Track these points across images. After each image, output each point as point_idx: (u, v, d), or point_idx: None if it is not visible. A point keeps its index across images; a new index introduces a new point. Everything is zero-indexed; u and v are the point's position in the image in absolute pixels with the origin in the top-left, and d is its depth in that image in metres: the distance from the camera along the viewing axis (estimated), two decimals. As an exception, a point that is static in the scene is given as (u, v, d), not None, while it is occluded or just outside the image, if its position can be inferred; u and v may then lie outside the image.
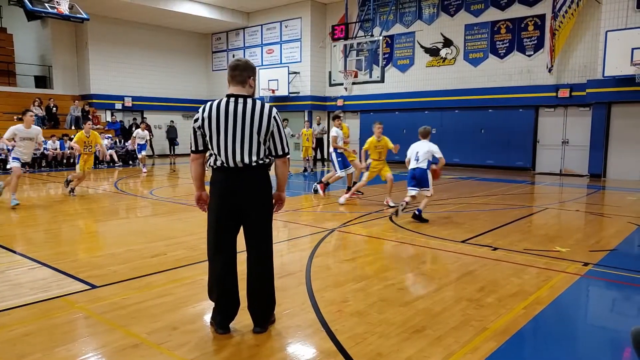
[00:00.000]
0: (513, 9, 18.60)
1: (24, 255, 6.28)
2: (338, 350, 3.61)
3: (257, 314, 3.95)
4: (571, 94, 17.32)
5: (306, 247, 6.84)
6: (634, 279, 5.48)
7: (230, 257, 3.90)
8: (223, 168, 3.78)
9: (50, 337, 3.81)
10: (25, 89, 23.00)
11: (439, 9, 20.59)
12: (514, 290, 4.97)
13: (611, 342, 4.04)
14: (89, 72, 24.08)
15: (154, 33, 26.23)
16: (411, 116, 21.50)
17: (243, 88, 3.86)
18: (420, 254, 6.56)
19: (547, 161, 18.48)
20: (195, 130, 3.83)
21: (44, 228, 8.20)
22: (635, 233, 7.91)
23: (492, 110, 19.25)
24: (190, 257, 6.22)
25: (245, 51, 26.84)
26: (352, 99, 23.53)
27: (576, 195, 12.62)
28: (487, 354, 3.56)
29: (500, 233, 7.78)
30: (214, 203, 3.87)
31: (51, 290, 4.89)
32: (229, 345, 3.71)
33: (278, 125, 3.87)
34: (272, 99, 23.91)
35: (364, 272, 5.60)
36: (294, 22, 24.44)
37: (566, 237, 7.50)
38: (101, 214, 9.56)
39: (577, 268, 5.81)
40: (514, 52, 18.73)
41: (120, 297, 4.70)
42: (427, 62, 21.14)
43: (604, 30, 15.66)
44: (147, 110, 26.25)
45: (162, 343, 3.71)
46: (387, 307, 4.46)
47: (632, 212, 9.81)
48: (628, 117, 16.10)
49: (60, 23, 22.68)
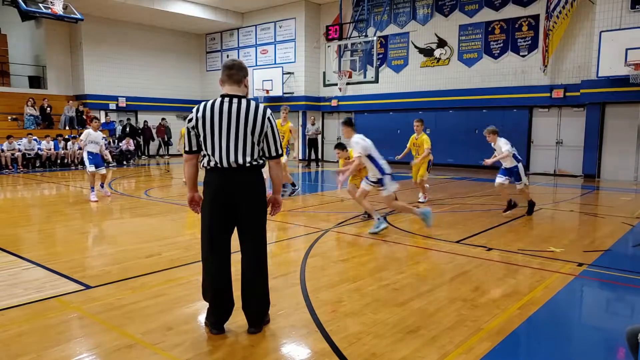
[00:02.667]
0: (507, 9, 18.65)
1: (17, 255, 6.25)
2: (333, 350, 3.61)
3: (251, 315, 3.95)
4: (565, 95, 17.37)
5: (301, 248, 6.84)
6: (628, 279, 5.51)
7: (225, 258, 3.90)
8: (217, 168, 3.77)
9: (44, 337, 3.79)
10: (19, 89, 22.89)
11: (433, 10, 20.62)
12: (509, 290, 4.99)
13: (605, 342, 4.05)
14: (83, 73, 23.98)
15: (148, 33, 26.16)
16: (405, 116, 21.49)
17: (239, 88, 3.86)
18: (414, 254, 6.57)
19: (541, 161, 18.53)
20: (189, 130, 3.82)
21: (38, 228, 8.17)
22: (629, 233, 7.95)
23: (486, 110, 19.29)
24: (184, 257, 6.20)
25: (240, 51, 26.81)
26: (346, 99, 23.54)
27: (570, 196, 12.67)
28: (481, 354, 3.57)
29: (494, 233, 7.80)
30: (207, 204, 3.86)
31: (45, 290, 4.87)
32: (223, 345, 3.71)
33: (272, 126, 3.86)
34: (266, 99, 23.87)
35: (358, 273, 5.61)
36: (288, 23, 24.43)
37: (560, 238, 7.52)
38: (95, 214, 9.52)
39: (571, 268, 5.83)
40: (508, 52, 18.78)
41: (115, 297, 4.68)
42: (422, 63, 21.17)
43: (598, 30, 15.73)
44: (141, 111, 26.18)
45: (156, 343, 3.70)
46: (382, 308, 4.46)
47: (626, 212, 9.85)
48: (622, 118, 16.17)
49: (54, 23, 22.57)
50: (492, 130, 9.41)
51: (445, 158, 20.28)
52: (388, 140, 22.40)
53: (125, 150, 22.42)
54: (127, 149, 22.52)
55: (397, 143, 22.08)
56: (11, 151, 18.31)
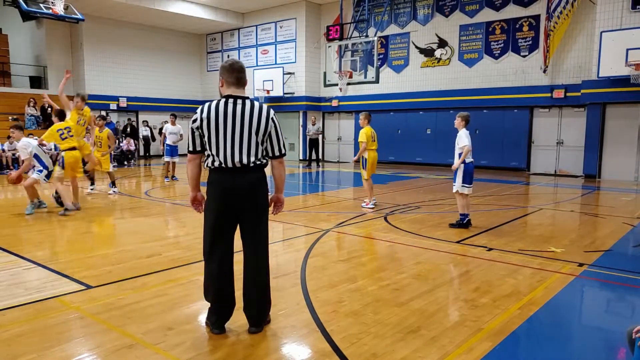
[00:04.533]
0: (508, 9, 18.65)
1: (18, 255, 6.26)
2: (333, 350, 3.61)
3: (252, 314, 3.95)
4: (566, 95, 17.37)
5: (301, 248, 6.84)
6: (629, 279, 5.51)
7: (227, 258, 3.90)
8: (221, 169, 3.79)
9: (45, 337, 3.80)
10: (20, 89, 22.91)
11: (434, 10, 20.62)
12: (509, 290, 4.99)
13: (606, 343, 4.06)
14: (84, 73, 23.98)
15: (149, 33, 26.17)
16: (406, 117, 21.56)
17: (243, 89, 3.88)
18: (415, 254, 6.57)
19: (542, 162, 18.53)
20: (194, 130, 3.83)
21: (39, 228, 8.17)
22: (629, 234, 7.95)
23: (486, 110, 19.29)
24: (185, 257, 6.21)
25: (240, 52, 26.81)
26: (347, 100, 23.54)
27: (571, 196, 12.66)
28: (482, 355, 3.57)
29: (494, 233, 7.80)
30: (211, 203, 3.87)
31: (46, 290, 4.88)
32: (224, 345, 3.71)
33: (276, 126, 3.90)
34: (267, 99, 23.88)
35: (359, 273, 5.61)
36: (288, 23, 24.43)
37: (561, 238, 7.52)
38: (96, 215, 9.52)
39: (572, 268, 5.83)
40: (508, 52, 18.78)
41: (116, 297, 4.69)
42: (422, 63, 21.17)
43: (599, 30, 15.72)
44: (142, 111, 26.17)
45: (157, 343, 3.70)
46: (382, 308, 4.47)
47: (626, 212, 9.85)
48: (623, 118, 16.16)
49: (55, 23, 22.60)
50: (465, 116, 8.71)
51: (445, 158, 20.27)
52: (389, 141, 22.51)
53: (125, 151, 22.43)
54: (127, 149, 22.53)
55: (397, 142, 22.24)
56: (12, 151, 18.30)
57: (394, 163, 21.70)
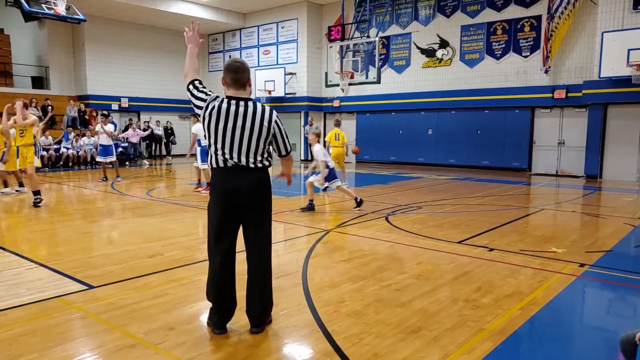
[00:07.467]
0: (509, 10, 18.66)
1: (20, 255, 6.27)
2: (334, 350, 3.61)
3: (254, 314, 3.95)
4: (567, 95, 17.37)
5: (303, 248, 6.85)
6: (630, 279, 5.50)
7: (229, 258, 3.91)
8: (224, 168, 3.80)
9: (46, 337, 3.81)
10: (21, 90, 22.91)
11: (435, 10, 20.63)
12: (510, 290, 4.99)
13: (607, 343, 4.05)
14: (86, 73, 24.05)
15: (151, 34, 26.21)
16: (407, 117, 21.57)
17: (244, 91, 3.88)
18: (416, 254, 6.57)
19: (543, 162, 18.53)
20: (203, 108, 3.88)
21: (40, 228, 8.19)
22: (631, 234, 7.94)
23: (488, 111, 19.29)
24: (186, 257, 6.22)
25: (242, 52, 26.84)
26: (349, 100, 23.56)
27: (572, 196, 12.65)
28: (483, 355, 3.57)
29: (496, 234, 7.80)
30: (214, 203, 3.88)
31: (48, 290, 4.88)
32: (225, 345, 3.72)
33: (279, 128, 3.93)
34: (269, 99, 23.92)
35: (360, 273, 5.61)
36: (290, 23, 24.46)
37: (562, 238, 7.52)
38: (97, 214, 9.54)
39: (573, 269, 5.83)
40: (510, 53, 18.79)
41: (117, 297, 4.69)
42: (424, 63, 21.18)
43: (600, 31, 15.72)
44: (144, 111, 26.24)
45: (159, 343, 3.71)
46: (384, 308, 4.47)
47: (628, 213, 9.84)
48: (624, 118, 16.15)
49: (57, 24, 22.64)
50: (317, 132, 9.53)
51: (447, 159, 20.29)
52: (390, 141, 22.53)
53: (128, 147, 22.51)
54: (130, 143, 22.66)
55: (398, 143, 22.24)
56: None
57: (396, 163, 21.70)
